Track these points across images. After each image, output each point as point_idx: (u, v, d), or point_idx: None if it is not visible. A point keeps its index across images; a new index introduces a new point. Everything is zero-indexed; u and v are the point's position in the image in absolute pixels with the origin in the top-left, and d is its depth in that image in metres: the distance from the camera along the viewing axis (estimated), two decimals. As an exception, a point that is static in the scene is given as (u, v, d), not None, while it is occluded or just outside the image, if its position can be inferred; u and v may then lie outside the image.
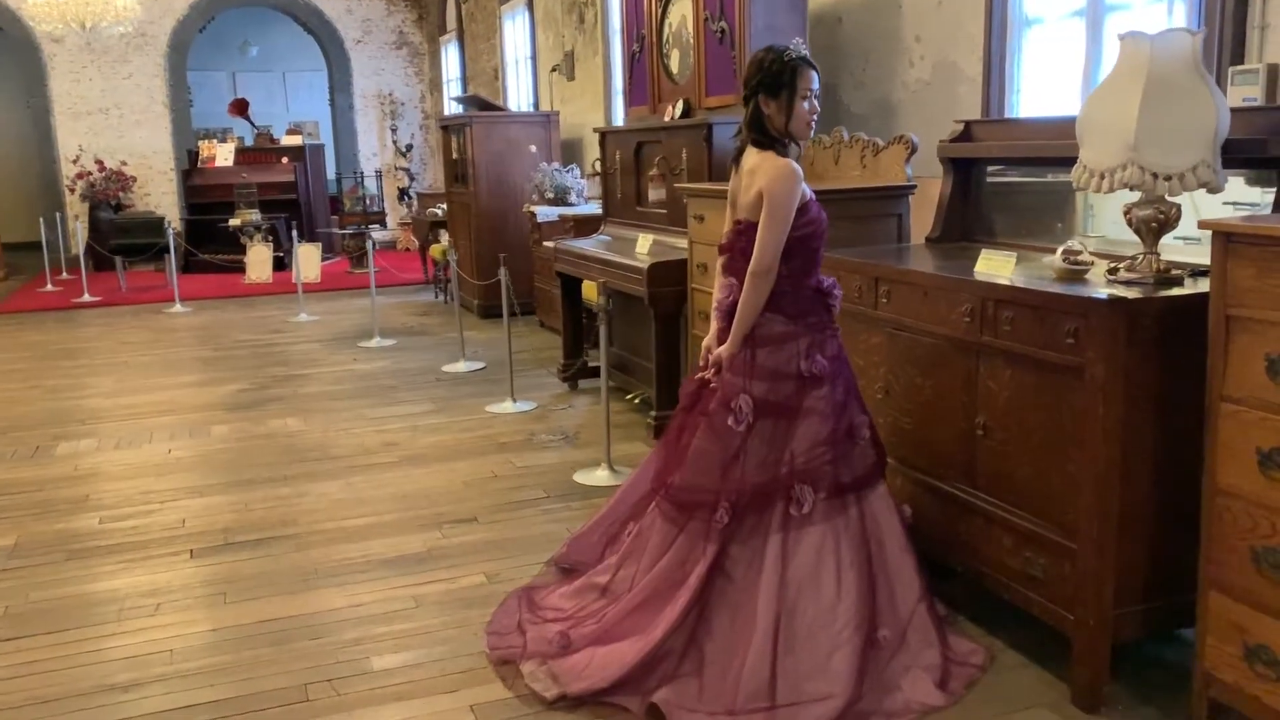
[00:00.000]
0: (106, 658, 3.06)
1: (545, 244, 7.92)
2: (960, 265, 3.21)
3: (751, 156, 2.84)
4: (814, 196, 2.86)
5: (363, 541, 3.89)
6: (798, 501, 2.72)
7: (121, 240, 11.48)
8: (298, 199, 12.84)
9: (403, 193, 14.08)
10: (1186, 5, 3.51)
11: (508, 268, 6.80)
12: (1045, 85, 4.16)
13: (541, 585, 3.34)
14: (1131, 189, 2.66)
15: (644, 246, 5.13)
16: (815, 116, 2.87)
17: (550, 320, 8.12)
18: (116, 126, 13.39)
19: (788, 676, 2.61)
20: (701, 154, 4.84)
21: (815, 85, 2.84)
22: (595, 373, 6.17)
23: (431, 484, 4.53)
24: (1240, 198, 3.24)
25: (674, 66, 5.47)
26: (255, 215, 11.68)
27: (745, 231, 2.85)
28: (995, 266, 2.94)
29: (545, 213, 7.97)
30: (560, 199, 8.03)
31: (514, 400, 5.82)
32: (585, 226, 7.08)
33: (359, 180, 12.82)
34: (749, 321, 2.79)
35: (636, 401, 5.53)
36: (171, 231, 10.27)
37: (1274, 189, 2.76)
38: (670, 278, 4.78)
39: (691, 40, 5.23)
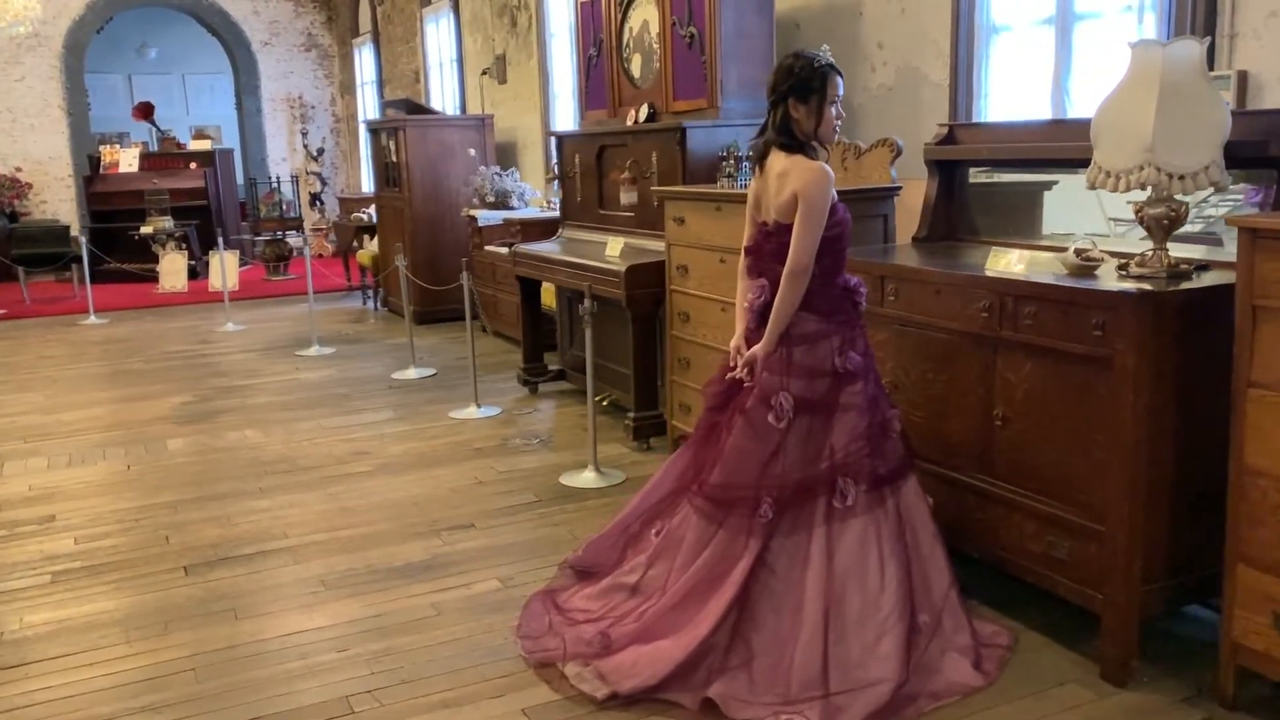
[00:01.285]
0: (124, 680, 2.96)
1: (487, 248, 7.90)
2: (966, 263, 3.33)
3: (779, 160, 2.90)
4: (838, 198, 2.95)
5: (361, 551, 3.83)
6: (841, 494, 2.80)
7: (24, 250, 10.99)
8: (208, 205, 12.48)
9: (315, 198, 13.78)
10: (1156, 15, 3.70)
11: (445, 272, 6.78)
12: (1013, 90, 4.33)
13: (561, 588, 3.35)
14: (1144, 188, 2.81)
15: (614, 249, 5.16)
16: (840, 121, 2.95)
17: (495, 324, 8.09)
18: (9, 131, 12.79)
19: (839, 664, 2.68)
20: (674, 157, 4.89)
21: (841, 91, 2.93)
22: (556, 376, 6.19)
23: (416, 491, 4.48)
24: (1082, 198, 3.47)
25: (635, 70, 5.51)
26: (168, 222, 11.31)
27: (775, 233, 2.91)
28: (1009, 264, 3.07)
29: (487, 217, 7.92)
30: (501, 203, 7.99)
31: (478, 405, 5.78)
32: (533, 230, 7.06)
33: (275, 185, 12.51)
34: (785, 320, 2.86)
35: (605, 404, 5.55)
36: (85, 240, 9.86)
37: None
38: (647, 280, 4.82)
39: (655, 45, 5.28)
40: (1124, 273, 2.88)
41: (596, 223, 5.72)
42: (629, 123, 5.42)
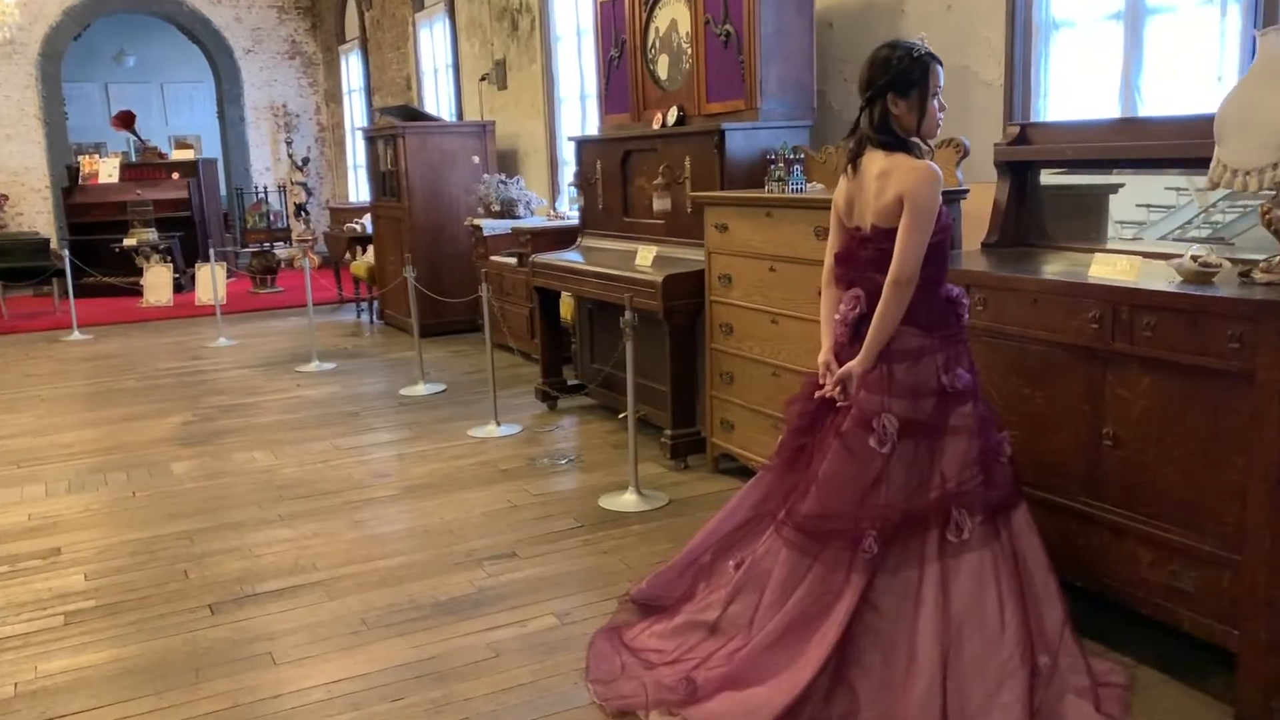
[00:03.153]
0: (158, 737, 2.68)
1: (493, 258, 7.63)
2: (1058, 270, 3.11)
3: (877, 160, 2.67)
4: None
5: (400, 585, 3.56)
6: (956, 527, 2.56)
7: (1, 264, 10.58)
8: (192, 216, 12.13)
9: (300, 208, 13.45)
10: (1241, 5, 3.50)
11: (448, 283, 6.50)
12: (1075, 89, 4.13)
13: (625, 625, 3.10)
14: (1276, 189, 2.60)
15: (645, 258, 4.92)
16: (943, 115, 2.73)
17: (499, 337, 7.81)
18: (-16, 141, 12.41)
19: (958, 715, 2.44)
20: (711, 161, 4.65)
21: (942, 81, 2.71)
22: (574, 391, 5.93)
23: (448, 517, 4.21)
24: (1155, 200, 3.28)
25: (662, 72, 5.27)
26: (152, 234, 10.95)
27: (873, 239, 2.68)
28: (1118, 271, 2.85)
29: (493, 226, 7.66)
30: (507, 211, 7.74)
31: (498, 424, 5.51)
32: (544, 239, 6.81)
33: (262, 196, 12.18)
34: (887, 334, 2.62)
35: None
36: (67, 254, 9.50)
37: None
38: (685, 290, 4.58)
39: (685, 45, 5.05)
40: (1246, 279, 2.67)
41: (621, 231, 5.47)
42: (656, 126, 5.18)
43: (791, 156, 4.12)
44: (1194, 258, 2.74)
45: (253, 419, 6.00)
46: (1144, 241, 3.32)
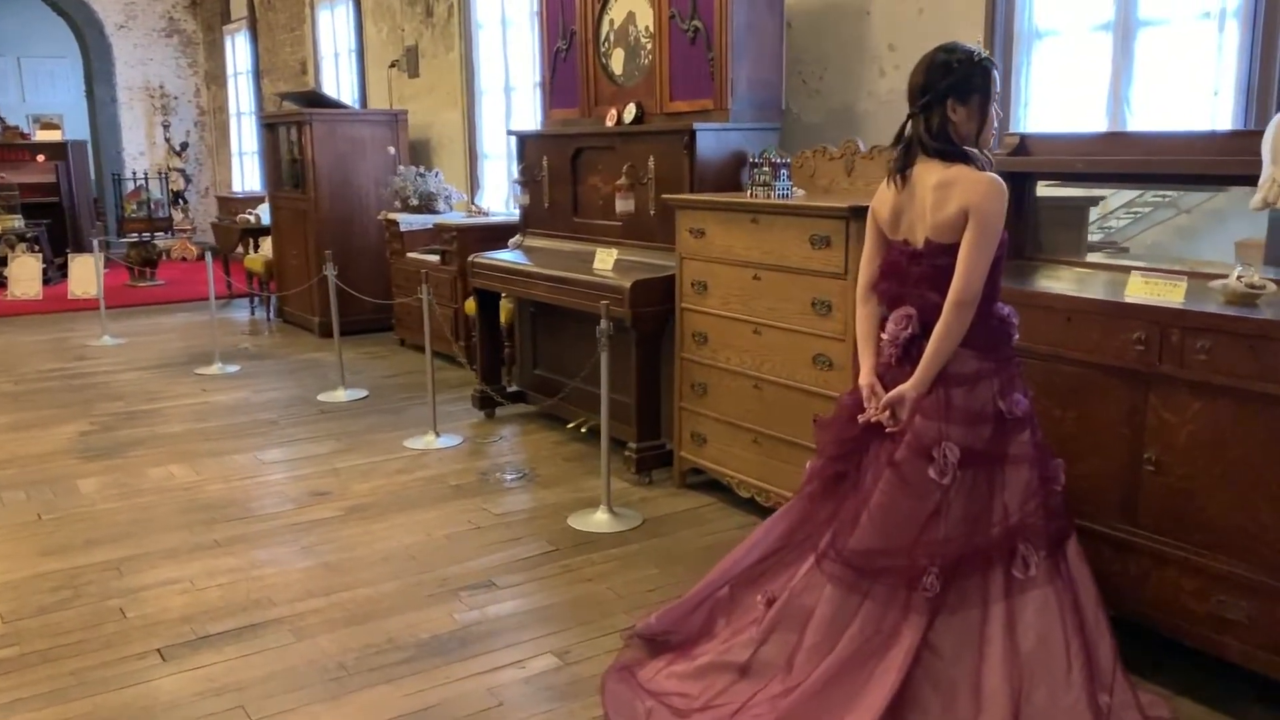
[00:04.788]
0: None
1: (410, 255, 7.27)
2: (1092, 287, 3.02)
3: (933, 170, 2.51)
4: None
5: (373, 621, 3.24)
6: (1022, 562, 2.42)
7: None
8: (60, 203, 11.28)
9: (178, 195, 12.68)
10: (1240, 22, 3.49)
11: (357, 280, 6.12)
12: (1058, 99, 4.07)
13: (635, 663, 2.87)
14: (1331, 210, 2.54)
15: (605, 262, 4.68)
16: (998, 124, 2.59)
17: (413, 337, 7.45)
18: None
19: (1031, 760, 2.30)
20: (679, 162, 4.44)
21: (999, 89, 2.57)
22: (514, 399, 5.65)
23: (408, 541, 3.89)
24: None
25: (616, 67, 5.03)
26: (18, 222, 10.11)
27: (927, 254, 2.51)
28: (1160, 291, 2.76)
29: (410, 221, 7.28)
30: (426, 206, 7.37)
31: (437, 434, 5.19)
32: (471, 236, 6.49)
33: (142, 183, 11.39)
34: (945, 357, 2.46)
35: (584, 430, 5.06)
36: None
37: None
38: (654, 297, 4.36)
39: (644, 39, 4.82)
40: (1292, 302, 2.61)
41: (571, 232, 5.21)
42: (610, 123, 4.94)
43: (778, 160, 3.94)
44: (1239, 278, 2.67)
45: (159, 428, 5.51)
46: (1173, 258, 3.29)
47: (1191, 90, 3.66)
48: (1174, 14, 3.70)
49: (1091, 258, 3.53)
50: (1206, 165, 3.07)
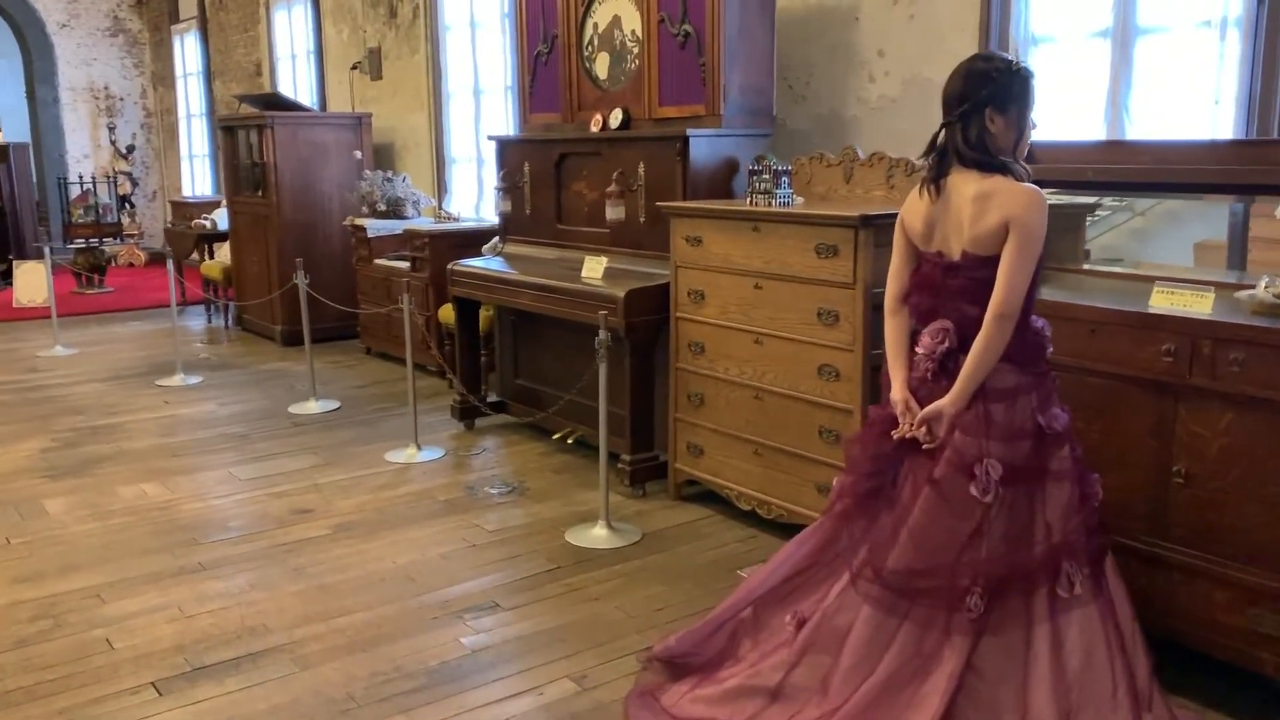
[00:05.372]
0: None
1: (378, 262, 7.11)
2: (1094, 295, 2.99)
3: (971, 181, 2.45)
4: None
5: (378, 647, 3.12)
6: (1067, 581, 2.37)
7: None
8: (2, 207, 10.89)
9: (124, 199, 12.32)
10: (1241, 31, 3.49)
11: (321, 287, 5.97)
12: (1054, 106, 4.05)
13: (657, 687, 2.78)
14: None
15: (594, 270, 4.58)
16: (1034, 133, 2.55)
17: (380, 346, 7.29)
18: None
19: (1082, 783, 2.26)
20: (671, 169, 4.37)
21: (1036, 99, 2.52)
22: (494, 409, 5.53)
23: (402, 561, 3.77)
24: None
25: (600, 72, 4.94)
26: (-41, 227, 9.74)
27: (964, 267, 2.46)
28: (1186, 302, 2.74)
29: (377, 226, 7.12)
30: (394, 211, 7.21)
31: (419, 447, 5.05)
32: (443, 243, 6.36)
33: (89, 187, 11.05)
34: (986, 371, 2.41)
35: (571, 441, 4.96)
36: None
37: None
38: (648, 306, 4.28)
39: (630, 43, 4.74)
40: (1324, 313, 2.60)
41: (554, 239, 5.11)
42: (595, 129, 4.85)
43: (779, 167, 3.88)
44: (1267, 288, 2.66)
45: (125, 444, 5.31)
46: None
47: (1192, 99, 3.66)
48: (1174, 22, 3.71)
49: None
50: (1220, 175, 3.05)
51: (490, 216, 7.02)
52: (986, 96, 2.43)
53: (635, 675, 2.88)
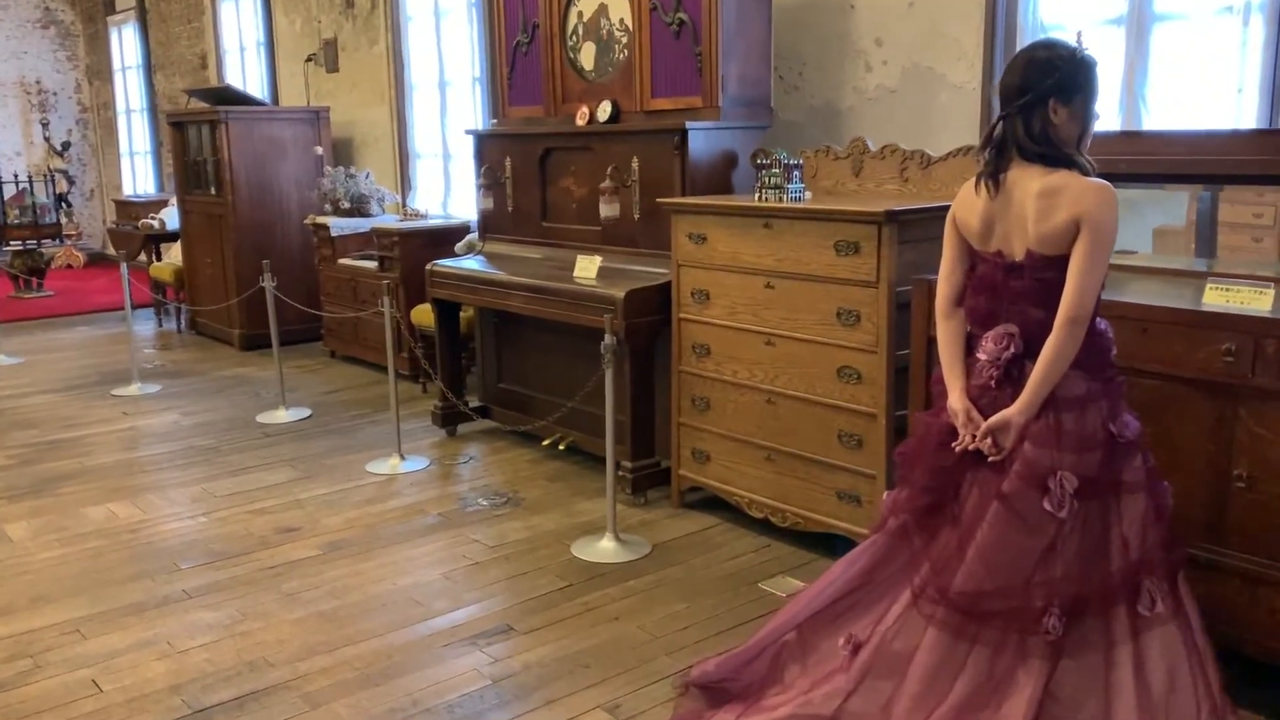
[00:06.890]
0: None
1: (342, 261, 6.84)
2: (1175, 296, 2.88)
3: (1034, 176, 2.31)
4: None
5: (391, 680, 2.92)
6: (1149, 599, 2.25)
7: None
8: (-68, 208, 10.40)
9: (61, 198, 11.82)
10: (1265, 16, 3.40)
11: (279, 288, 5.72)
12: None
13: (696, 715, 2.62)
14: None
15: (587, 270, 4.39)
16: (1096, 124, 2.42)
17: (346, 350, 7.03)
18: None
19: (1171, 810, 2.14)
20: (669, 164, 4.19)
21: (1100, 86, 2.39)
22: (476, 415, 5.31)
23: (402, 582, 3.56)
24: None
25: (586, 63, 4.74)
26: (-114, 230, 9.25)
27: (1030, 267, 2.32)
28: (1245, 299, 2.64)
29: (341, 225, 6.85)
30: (358, 209, 6.94)
31: (402, 457, 4.83)
32: (414, 242, 6.13)
33: (25, 186, 10.57)
34: (1056, 378, 2.27)
35: (562, 447, 4.76)
36: None
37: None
38: (648, 307, 4.10)
39: (619, 33, 4.55)
40: (1384, 309, 2.51)
41: (540, 237, 4.91)
42: (581, 122, 4.66)
43: (789, 161, 3.72)
44: (1327, 285, 2.56)
45: (87, 460, 5.01)
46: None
47: (1212, 87, 3.58)
48: (1192, 8, 3.61)
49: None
50: (1263, 165, 2.96)
51: (459, 213, 6.81)
52: (1050, 87, 2.29)
53: (672, 703, 2.71)
